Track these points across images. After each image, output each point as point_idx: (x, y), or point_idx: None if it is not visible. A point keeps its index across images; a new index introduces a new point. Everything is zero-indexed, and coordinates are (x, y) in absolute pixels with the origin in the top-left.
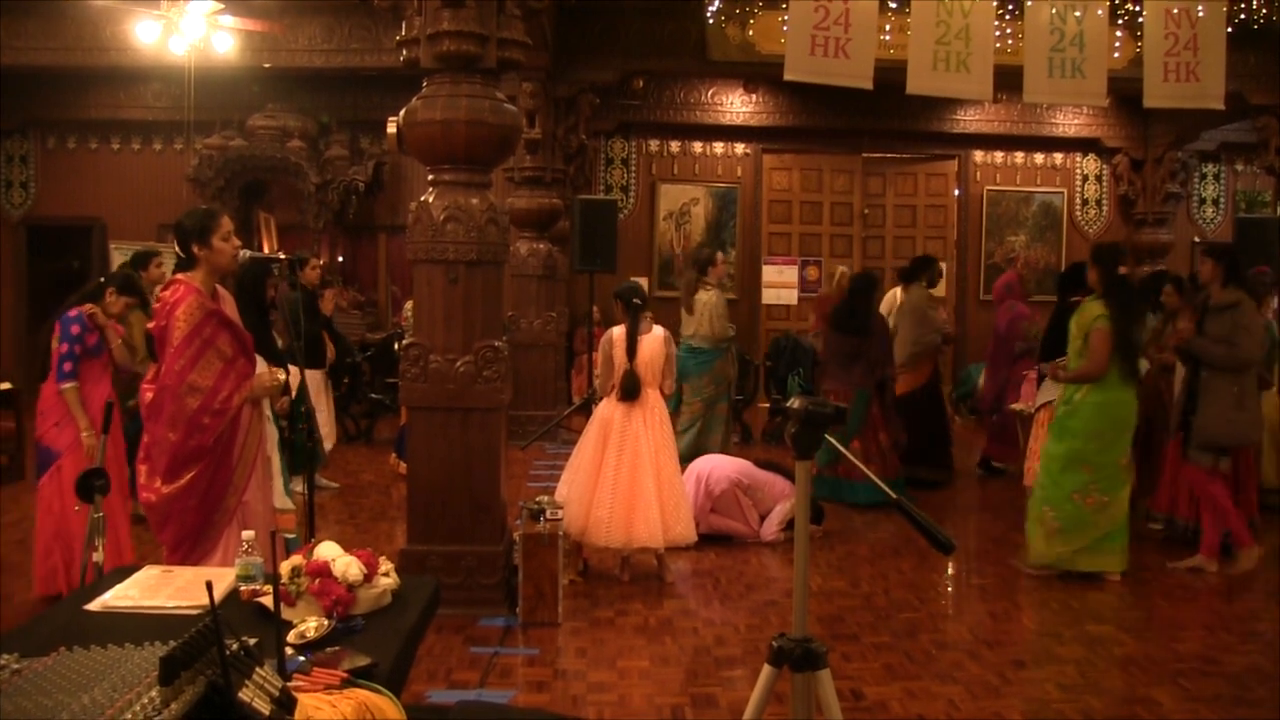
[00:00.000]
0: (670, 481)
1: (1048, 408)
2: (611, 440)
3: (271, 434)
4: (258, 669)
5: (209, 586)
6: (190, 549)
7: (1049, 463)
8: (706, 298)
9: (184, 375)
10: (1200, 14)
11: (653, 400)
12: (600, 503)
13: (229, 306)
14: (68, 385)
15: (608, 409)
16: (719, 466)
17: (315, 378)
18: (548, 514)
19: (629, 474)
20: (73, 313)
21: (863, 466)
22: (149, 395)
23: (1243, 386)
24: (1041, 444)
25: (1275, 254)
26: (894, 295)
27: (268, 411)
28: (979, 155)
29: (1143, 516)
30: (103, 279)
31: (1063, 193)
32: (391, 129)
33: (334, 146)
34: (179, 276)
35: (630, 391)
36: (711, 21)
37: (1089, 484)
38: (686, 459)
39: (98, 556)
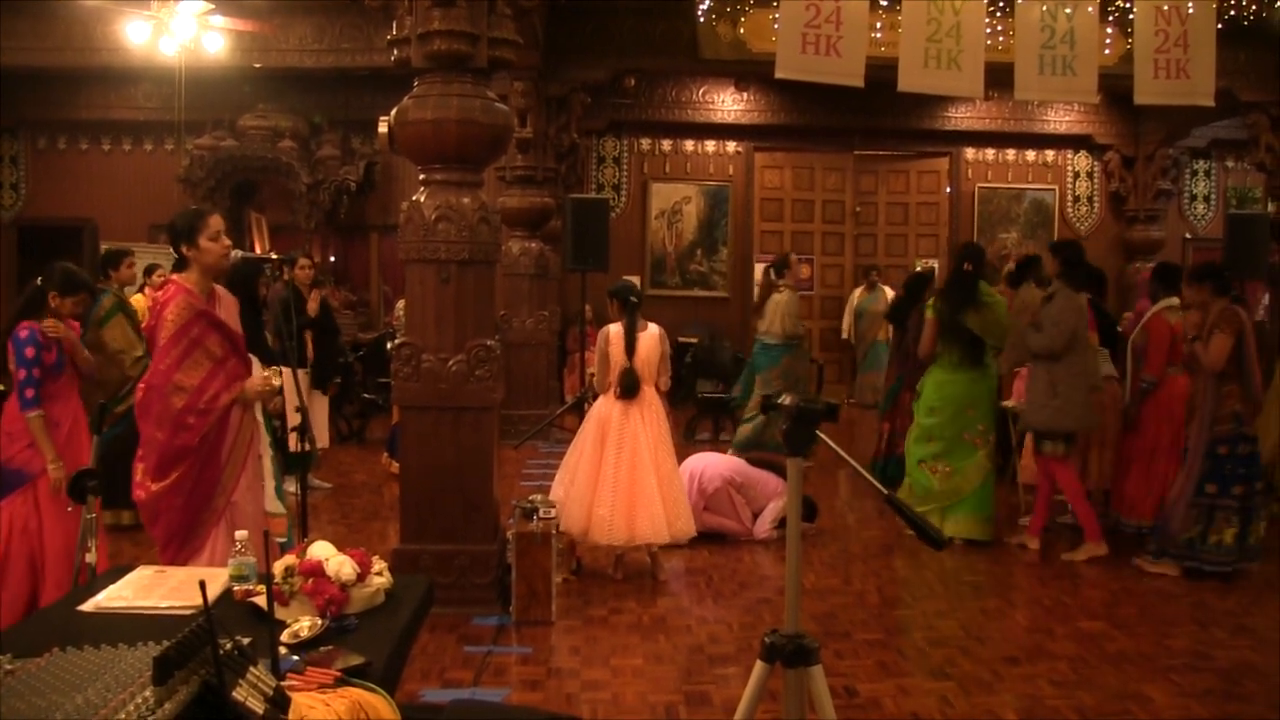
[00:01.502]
0: (670, 477)
1: None
2: (610, 438)
3: (263, 436)
4: (251, 668)
5: (202, 586)
6: (179, 547)
7: (910, 435)
8: (778, 298)
9: (169, 375)
10: (1190, 11)
11: (649, 397)
12: (601, 501)
13: (226, 307)
14: (33, 414)
15: (605, 407)
16: (712, 465)
17: (301, 378)
18: (541, 513)
19: (629, 471)
20: (23, 332)
21: (855, 464)
22: (139, 394)
23: (1055, 375)
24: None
25: (1265, 250)
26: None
27: (259, 414)
28: (970, 152)
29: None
30: (39, 281)
31: (1054, 190)
32: (383, 128)
33: (325, 146)
34: (172, 277)
35: (630, 390)
36: (703, 20)
37: (936, 455)
38: (746, 448)
39: (90, 557)
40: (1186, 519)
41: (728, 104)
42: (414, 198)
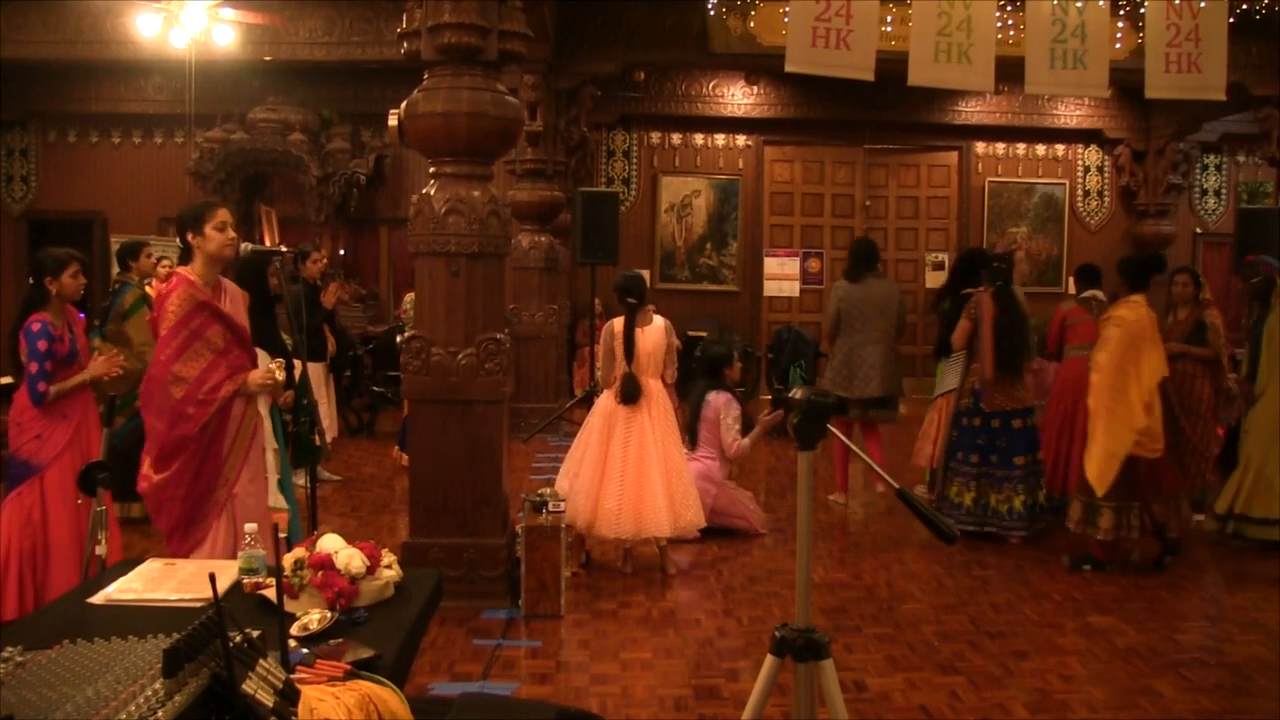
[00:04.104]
0: (677, 469)
1: (947, 396)
2: (616, 432)
3: (268, 430)
4: (261, 661)
5: (212, 579)
6: (182, 539)
7: None
8: None
9: (169, 365)
10: (1202, 5)
11: (655, 391)
12: (608, 494)
13: (233, 300)
14: (51, 394)
15: (610, 401)
16: (697, 478)
17: (316, 371)
18: (550, 506)
19: (635, 465)
20: (35, 325)
21: (866, 458)
22: (143, 386)
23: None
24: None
25: (1276, 245)
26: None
27: (262, 409)
28: (981, 147)
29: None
30: (40, 273)
31: (1064, 184)
32: (393, 121)
33: (335, 139)
34: (177, 269)
35: (630, 395)
36: (713, 13)
37: None
38: None
39: (101, 550)
40: (942, 483)
41: (738, 97)
42: (424, 191)
